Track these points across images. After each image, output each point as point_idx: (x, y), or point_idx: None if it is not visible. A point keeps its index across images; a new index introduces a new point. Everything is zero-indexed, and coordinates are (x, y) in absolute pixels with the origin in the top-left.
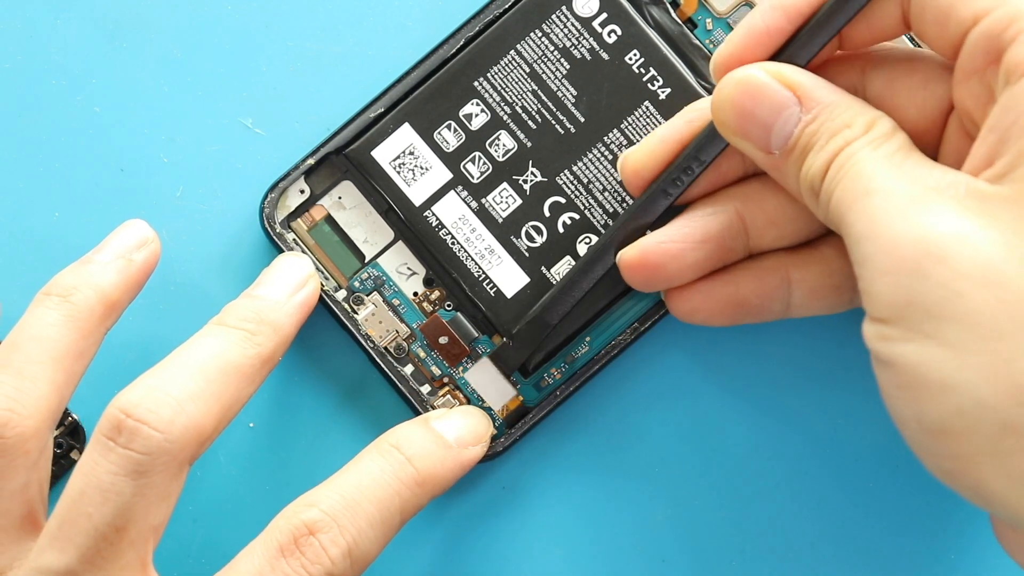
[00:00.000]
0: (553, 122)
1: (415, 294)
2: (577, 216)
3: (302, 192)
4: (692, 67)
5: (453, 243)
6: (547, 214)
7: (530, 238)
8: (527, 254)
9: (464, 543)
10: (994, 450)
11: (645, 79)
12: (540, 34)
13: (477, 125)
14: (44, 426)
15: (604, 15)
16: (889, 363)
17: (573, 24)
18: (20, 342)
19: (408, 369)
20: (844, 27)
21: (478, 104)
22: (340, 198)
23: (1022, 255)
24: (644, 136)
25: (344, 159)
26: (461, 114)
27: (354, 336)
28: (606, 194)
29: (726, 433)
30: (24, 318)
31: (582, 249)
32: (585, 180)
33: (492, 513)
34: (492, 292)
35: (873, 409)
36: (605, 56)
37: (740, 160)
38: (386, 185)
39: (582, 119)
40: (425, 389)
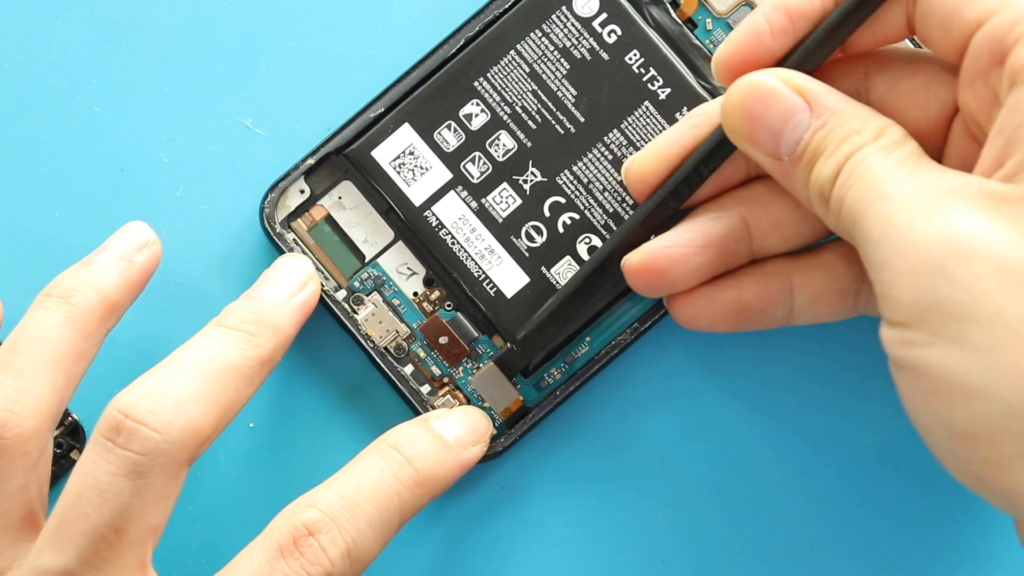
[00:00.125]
0: (553, 122)
1: (415, 294)
2: (577, 216)
3: (302, 192)
4: (692, 67)
5: (453, 243)
6: (547, 214)
7: (530, 238)
8: (527, 254)
9: (464, 543)
10: None
11: (645, 79)
12: (540, 34)
13: (477, 125)
14: (43, 427)
15: (604, 15)
16: (913, 369)
17: (573, 24)
18: (20, 343)
19: (408, 369)
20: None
21: (478, 104)
22: (340, 198)
23: None
24: (644, 135)
25: (344, 159)
26: (461, 114)
27: (354, 336)
28: (606, 194)
29: (726, 433)
30: (24, 319)
31: (582, 249)
32: (585, 180)
33: (492, 513)
34: (492, 292)
35: (873, 409)
36: (605, 56)
37: (744, 163)
38: (386, 185)
39: (582, 119)
40: (425, 389)
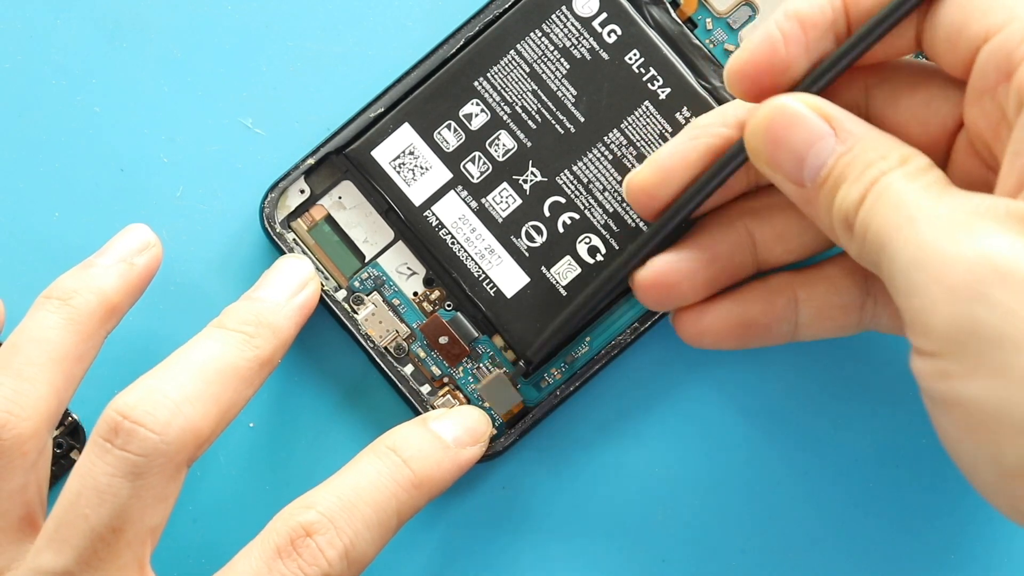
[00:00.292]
0: (553, 122)
1: (415, 294)
2: (577, 216)
3: (302, 192)
4: (692, 67)
5: (453, 243)
6: (547, 214)
7: (530, 238)
8: (527, 254)
9: (463, 543)
10: None
11: (645, 79)
12: (540, 34)
13: (477, 125)
14: (42, 428)
15: (604, 15)
16: (954, 404)
17: (573, 24)
18: (20, 344)
19: (408, 369)
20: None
21: (478, 104)
22: (340, 198)
23: None
24: (644, 135)
25: (344, 159)
26: (461, 114)
27: (354, 336)
28: (606, 194)
29: (726, 432)
30: (24, 321)
31: (582, 249)
32: (585, 180)
33: (492, 513)
34: (492, 292)
35: (873, 409)
36: (605, 56)
37: (744, 173)
38: (386, 185)
39: (582, 119)
40: (425, 389)
